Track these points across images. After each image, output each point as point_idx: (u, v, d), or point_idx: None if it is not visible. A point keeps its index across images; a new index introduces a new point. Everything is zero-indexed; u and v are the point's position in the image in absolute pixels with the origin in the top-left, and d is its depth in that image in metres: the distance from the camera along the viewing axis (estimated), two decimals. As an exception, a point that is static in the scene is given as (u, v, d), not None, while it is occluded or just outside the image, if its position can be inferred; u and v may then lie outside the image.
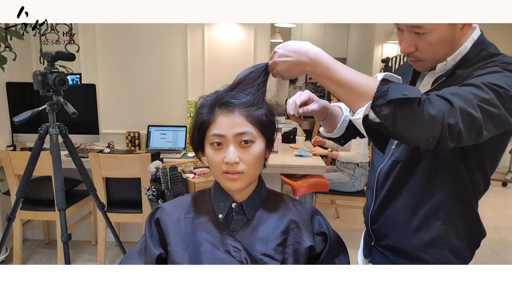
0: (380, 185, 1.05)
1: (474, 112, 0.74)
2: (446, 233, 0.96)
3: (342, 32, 7.05)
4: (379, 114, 0.76)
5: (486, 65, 0.85)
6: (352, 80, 0.81)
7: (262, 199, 0.95)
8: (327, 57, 0.85)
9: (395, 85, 0.77)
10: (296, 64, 0.87)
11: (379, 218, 1.06)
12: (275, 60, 0.90)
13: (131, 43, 2.98)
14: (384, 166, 1.04)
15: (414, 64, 0.96)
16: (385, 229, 1.05)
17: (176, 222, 0.93)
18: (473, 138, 0.78)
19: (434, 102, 0.74)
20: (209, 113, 0.89)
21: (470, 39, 0.91)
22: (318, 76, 0.85)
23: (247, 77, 0.92)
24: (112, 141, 2.98)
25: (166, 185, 1.91)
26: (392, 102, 0.74)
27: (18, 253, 2.59)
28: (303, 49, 0.86)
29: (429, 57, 0.91)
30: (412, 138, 0.78)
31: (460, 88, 0.79)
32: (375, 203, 1.07)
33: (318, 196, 3.14)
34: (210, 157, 0.89)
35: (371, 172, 1.11)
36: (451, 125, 0.73)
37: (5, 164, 2.46)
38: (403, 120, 0.75)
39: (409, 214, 0.99)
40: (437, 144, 0.75)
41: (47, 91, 1.82)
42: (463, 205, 0.97)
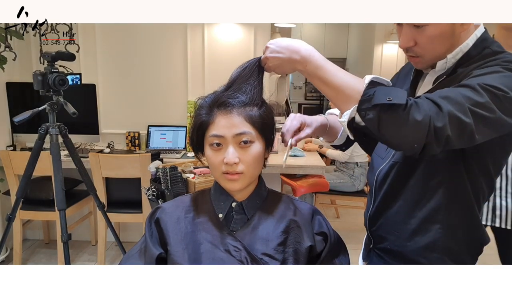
0: (379, 186, 1.03)
1: (464, 117, 0.72)
2: (444, 238, 0.93)
3: (342, 32, 7.05)
4: (364, 118, 0.76)
5: (487, 64, 0.83)
6: (341, 81, 0.80)
7: (262, 198, 0.95)
8: (318, 56, 0.84)
9: (381, 88, 0.76)
10: (287, 61, 0.87)
11: (378, 221, 1.04)
12: (267, 55, 0.90)
13: (131, 43, 2.98)
14: (384, 167, 1.01)
15: (413, 61, 0.93)
16: (383, 232, 1.03)
17: (176, 222, 0.93)
18: (464, 142, 0.76)
19: (421, 106, 0.73)
20: (208, 113, 0.89)
21: (473, 36, 0.87)
22: (309, 75, 0.85)
23: (241, 74, 0.92)
24: (112, 141, 2.98)
25: (166, 185, 1.91)
26: (377, 106, 0.74)
27: (18, 253, 2.59)
28: (295, 46, 0.86)
29: (428, 52, 0.88)
30: (397, 142, 0.78)
31: (454, 90, 0.77)
32: (373, 205, 1.05)
33: (318, 196, 3.14)
34: (209, 158, 0.89)
35: (370, 173, 1.09)
36: (437, 130, 0.72)
37: (5, 164, 2.46)
38: (388, 125, 0.74)
39: (406, 217, 0.96)
40: (424, 149, 0.74)
41: (47, 91, 1.82)
42: (463, 209, 0.93)
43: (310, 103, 7.49)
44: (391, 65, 4.92)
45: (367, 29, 5.46)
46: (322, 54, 0.88)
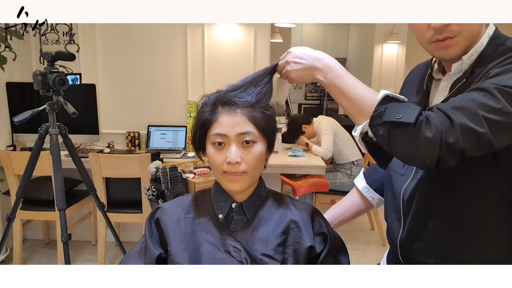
0: (407, 207, 0.94)
1: (479, 127, 0.69)
2: (491, 255, 0.86)
3: (342, 32, 7.05)
4: (375, 133, 0.76)
5: (505, 61, 0.78)
6: (357, 93, 0.81)
7: (262, 199, 0.95)
8: (339, 67, 0.85)
9: (393, 105, 0.75)
10: (308, 68, 0.87)
11: (413, 245, 0.94)
12: (288, 59, 0.90)
13: (131, 43, 2.97)
14: (409, 186, 0.93)
15: (444, 46, 0.82)
16: (421, 256, 0.93)
17: (176, 222, 0.93)
18: (482, 151, 0.73)
19: (432, 121, 0.71)
20: (212, 111, 0.89)
21: (486, 35, 0.84)
22: (328, 83, 0.85)
23: (253, 77, 0.93)
24: (112, 141, 2.98)
25: (166, 185, 1.91)
26: (387, 123, 0.73)
27: (18, 253, 2.59)
28: (318, 55, 0.87)
29: (466, 27, 0.80)
30: (408, 159, 0.77)
31: (467, 97, 0.73)
32: (404, 228, 0.95)
33: (318, 196, 3.14)
34: (211, 157, 0.89)
35: (390, 192, 1.02)
36: (450, 145, 0.69)
37: (5, 164, 2.46)
38: (398, 142, 0.74)
39: (445, 237, 0.88)
40: (438, 163, 0.72)
41: (47, 91, 1.82)
42: (508, 221, 0.84)
43: (310, 103, 7.50)
44: (391, 65, 4.93)
45: (367, 29, 5.46)
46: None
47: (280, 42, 4.71)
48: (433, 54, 0.88)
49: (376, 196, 1.16)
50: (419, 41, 0.87)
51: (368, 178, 1.18)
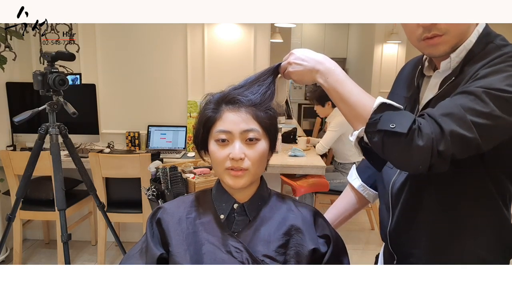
0: (395, 199, 0.97)
1: (468, 133, 0.72)
2: (476, 246, 0.89)
3: (342, 32, 7.05)
4: (370, 140, 0.79)
5: (493, 61, 0.79)
6: (356, 99, 0.82)
7: (264, 200, 0.95)
8: (340, 71, 0.86)
9: (388, 113, 0.76)
10: (310, 70, 0.88)
11: (400, 236, 0.98)
12: (291, 60, 0.91)
13: (131, 43, 2.97)
14: (398, 179, 0.96)
15: (432, 44, 0.84)
16: (407, 247, 0.97)
17: (177, 222, 0.92)
18: (470, 153, 0.75)
19: (423, 130, 0.73)
20: (215, 109, 0.89)
21: (475, 32, 0.84)
22: (328, 87, 0.85)
23: (255, 76, 0.93)
24: (112, 141, 2.98)
25: (166, 185, 1.91)
26: (381, 132, 0.75)
27: (18, 253, 2.59)
28: (320, 58, 0.88)
29: (454, 26, 0.81)
30: (401, 165, 0.80)
31: (456, 101, 0.75)
32: (392, 219, 0.99)
33: (318, 196, 3.14)
34: (214, 153, 0.89)
35: (380, 184, 1.05)
36: (441, 153, 0.72)
37: (5, 164, 2.46)
38: (391, 150, 0.76)
39: (432, 229, 0.91)
40: (430, 168, 0.74)
41: (47, 91, 1.82)
42: (491, 214, 0.88)
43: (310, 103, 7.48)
44: (391, 65, 4.92)
45: (367, 29, 5.46)
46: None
47: (280, 42, 4.71)
48: (423, 51, 0.90)
49: (372, 193, 1.17)
50: (409, 39, 0.88)
51: (362, 175, 1.19)
